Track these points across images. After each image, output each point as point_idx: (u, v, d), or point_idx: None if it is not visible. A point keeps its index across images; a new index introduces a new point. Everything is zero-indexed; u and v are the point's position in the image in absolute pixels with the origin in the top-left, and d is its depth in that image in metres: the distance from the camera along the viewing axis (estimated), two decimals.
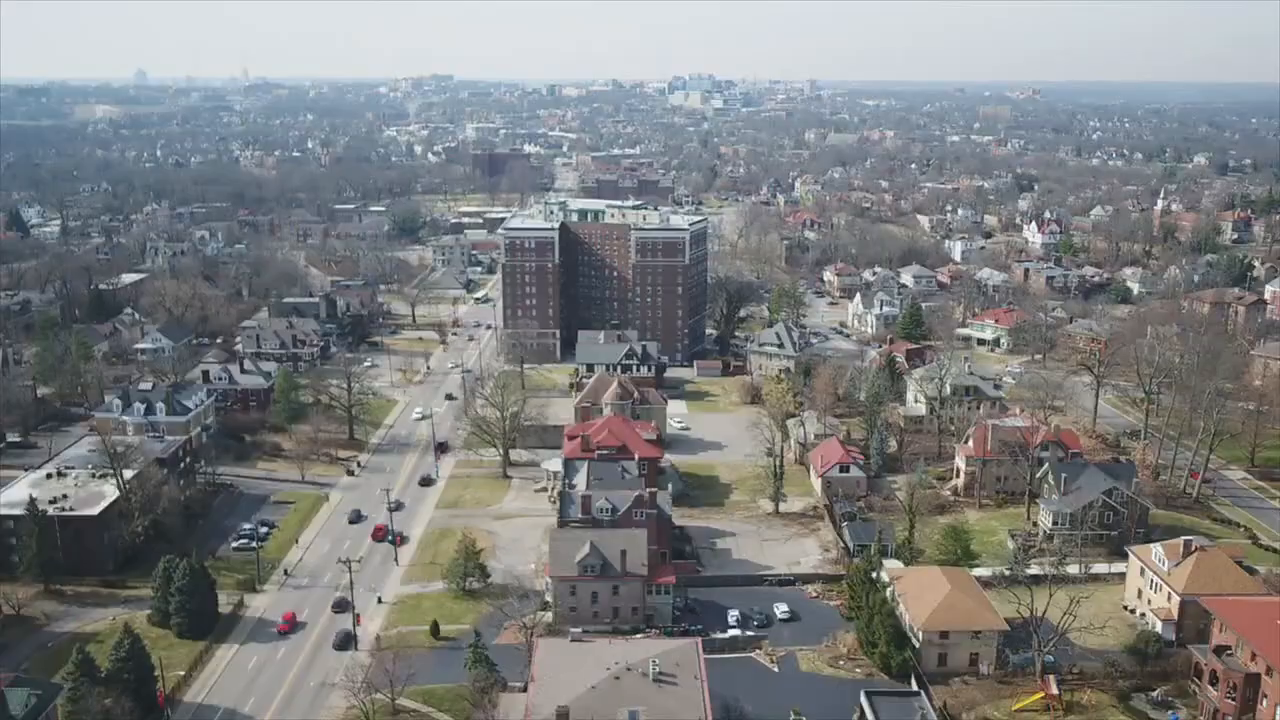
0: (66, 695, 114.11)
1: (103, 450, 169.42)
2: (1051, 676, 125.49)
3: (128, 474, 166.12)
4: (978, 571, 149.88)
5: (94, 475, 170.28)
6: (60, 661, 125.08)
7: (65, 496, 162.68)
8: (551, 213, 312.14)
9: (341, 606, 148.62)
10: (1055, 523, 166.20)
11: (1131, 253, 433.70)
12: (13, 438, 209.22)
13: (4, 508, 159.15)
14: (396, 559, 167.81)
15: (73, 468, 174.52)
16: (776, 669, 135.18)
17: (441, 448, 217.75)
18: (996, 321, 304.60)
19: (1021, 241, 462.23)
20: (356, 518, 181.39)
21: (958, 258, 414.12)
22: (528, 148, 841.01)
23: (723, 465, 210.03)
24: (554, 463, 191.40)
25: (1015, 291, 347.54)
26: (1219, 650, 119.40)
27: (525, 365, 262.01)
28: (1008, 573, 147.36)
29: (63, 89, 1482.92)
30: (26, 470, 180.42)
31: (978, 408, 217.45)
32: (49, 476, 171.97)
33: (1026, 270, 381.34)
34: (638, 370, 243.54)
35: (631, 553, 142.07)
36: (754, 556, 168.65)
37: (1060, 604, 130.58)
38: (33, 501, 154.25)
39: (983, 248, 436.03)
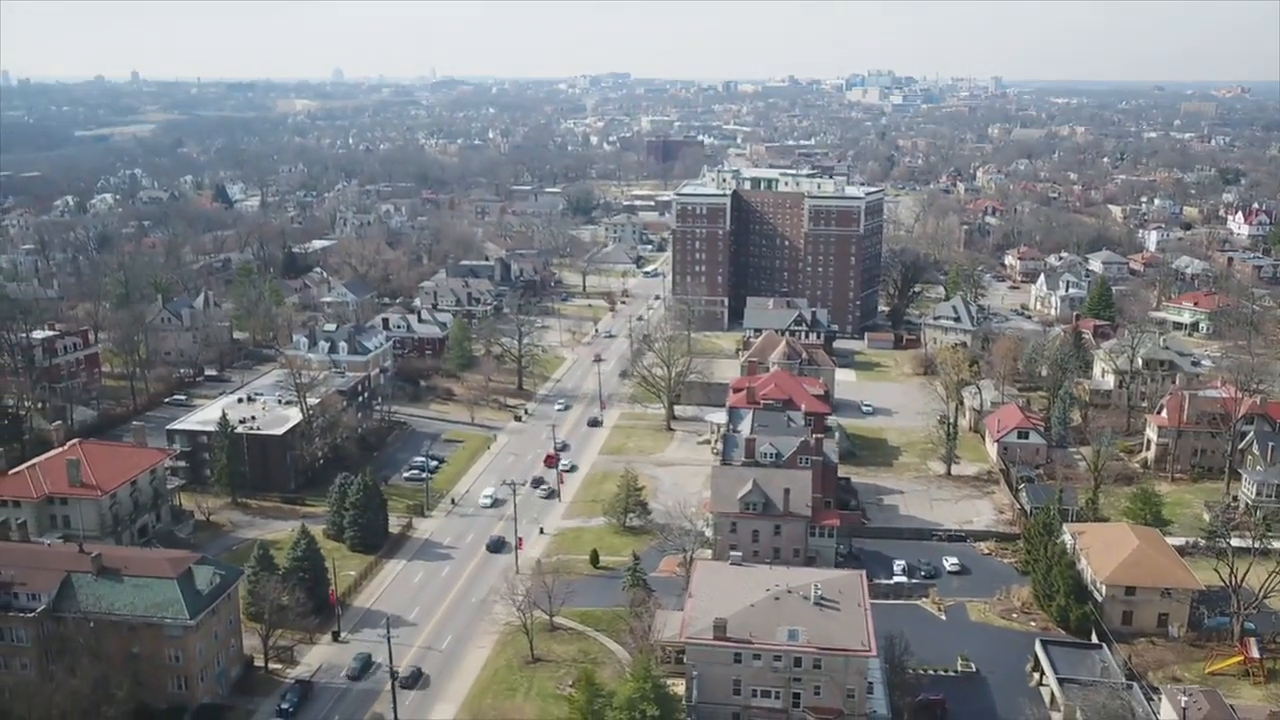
0: (246, 582, 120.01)
1: (289, 379, 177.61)
2: (1252, 639, 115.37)
3: (311, 401, 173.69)
4: (1170, 540, 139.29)
5: (280, 402, 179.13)
6: (243, 561, 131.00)
7: (254, 418, 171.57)
8: (724, 180, 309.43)
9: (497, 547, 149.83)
10: (1260, 494, 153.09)
11: None
12: (210, 372, 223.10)
13: (199, 425, 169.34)
14: (559, 495, 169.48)
15: (261, 394, 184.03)
16: (944, 617, 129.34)
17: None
18: (1196, 305, 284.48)
19: (1225, 233, 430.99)
20: (497, 546, 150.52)
21: (1152, 246, 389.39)
22: (702, 139, 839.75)
23: (892, 429, 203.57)
24: (718, 416, 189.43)
25: (1217, 279, 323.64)
26: None
27: (692, 332, 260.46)
28: (1204, 541, 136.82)
29: (267, 85, 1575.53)
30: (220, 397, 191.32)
31: (1172, 383, 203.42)
32: (240, 401, 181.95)
33: (1230, 259, 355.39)
34: (806, 337, 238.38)
35: (795, 492, 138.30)
36: (922, 513, 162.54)
37: (1261, 578, 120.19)
38: (224, 419, 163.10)
39: (1180, 238, 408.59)
